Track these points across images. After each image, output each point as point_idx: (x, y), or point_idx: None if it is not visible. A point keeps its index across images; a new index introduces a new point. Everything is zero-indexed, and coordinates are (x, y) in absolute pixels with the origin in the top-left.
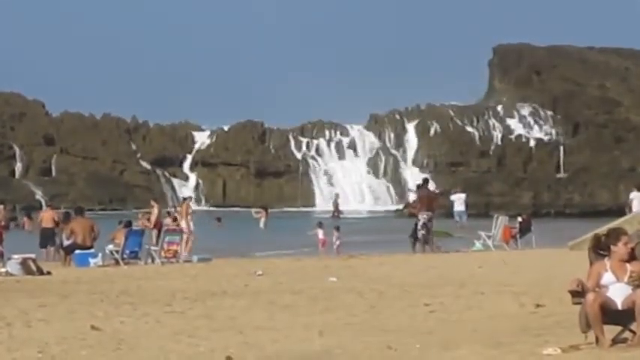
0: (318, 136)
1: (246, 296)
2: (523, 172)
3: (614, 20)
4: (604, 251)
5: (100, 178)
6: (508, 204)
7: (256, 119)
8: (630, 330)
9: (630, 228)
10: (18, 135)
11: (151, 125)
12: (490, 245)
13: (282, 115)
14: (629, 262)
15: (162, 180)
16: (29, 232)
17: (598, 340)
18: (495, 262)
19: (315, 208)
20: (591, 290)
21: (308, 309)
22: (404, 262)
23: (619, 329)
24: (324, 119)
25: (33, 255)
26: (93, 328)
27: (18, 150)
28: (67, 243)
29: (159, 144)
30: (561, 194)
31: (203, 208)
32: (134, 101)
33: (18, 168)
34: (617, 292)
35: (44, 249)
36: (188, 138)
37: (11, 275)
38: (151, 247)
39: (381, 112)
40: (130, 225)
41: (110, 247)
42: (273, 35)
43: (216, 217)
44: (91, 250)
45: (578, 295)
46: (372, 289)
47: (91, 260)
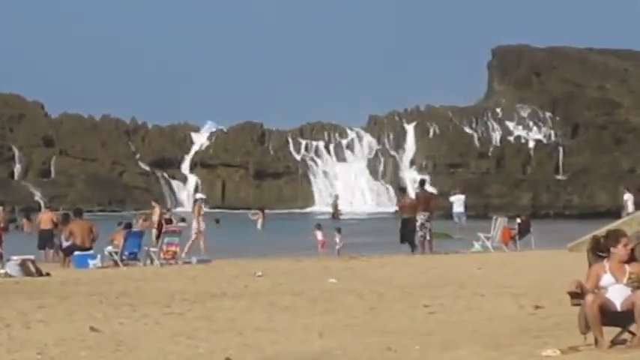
0: (317, 138)
1: (246, 297)
2: (522, 173)
3: (613, 21)
4: (603, 253)
5: (99, 179)
6: (507, 205)
7: (255, 120)
8: (629, 331)
9: (629, 229)
10: (17, 136)
11: (150, 126)
12: (489, 246)
13: (281, 116)
14: (628, 264)
15: (162, 181)
16: (28, 233)
17: (597, 342)
18: (494, 263)
19: (315, 209)
20: (590, 292)
21: (308, 310)
22: (404, 264)
23: (618, 331)
24: (323, 120)
25: (32, 256)
26: (92, 329)
27: (17, 151)
28: (66, 244)
29: (158, 145)
30: (560, 195)
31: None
32: (133, 102)
33: (17, 169)
34: (617, 293)
35: (43, 250)
36: (187, 139)
37: (10, 276)
38: (150, 249)
39: (380, 114)
40: (130, 227)
41: (109, 248)
42: (272, 36)
43: (215, 218)
44: (90, 252)
45: (577, 297)
46: (372, 290)
47: (90, 262)
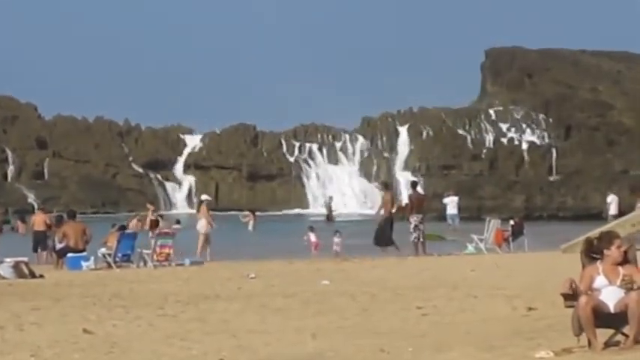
0: (310, 140)
1: (239, 299)
2: (515, 175)
3: (606, 23)
4: (596, 254)
5: (93, 181)
6: (500, 207)
7: (248, 122)
8: (623, 333)
9: (622, 231)
10: (10, 138)
11: (143, 128)
12: (482, 248)
13: (274, 118)
14: (621, 266)
15: (155, 183)
16: (23, 235)
17: (590, 344)
18: (488, 265)
19: (308, 211)
20: (584, 294)
21: (301, 312)
22: (396, 266)
23: (611, 332)
24: (316, 122)
25: (25, 258)
26: (85, 331)
27: (10, 153)
28: (59, 246)
29: (151, 147)
30: (554, 197)
31: (195, 211)
32: (126, 104)
33: (10, 171)
34: (610, 295)
35: (36, 252)
36: (180, 141)
37: (3, 278)
38: (143, 250)
39: (373, 115)
40: (125, 228)
41: (102, 250)
42: (267, 39)
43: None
44: (84, 254)
45: (570, 299)
46: (365, 292)
47: (84, 263)
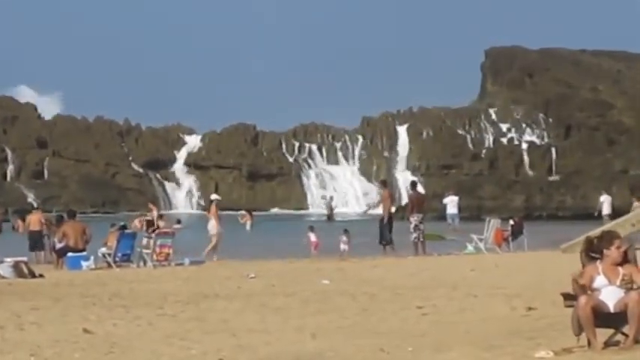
0: (310, 139)
1: (239, 299)
2: (515, 174)
3: (606, 23)
4: (596, 254)
5: (93, 180)
6: (500, 207)
7: (248, 122)
8: (622, 333)
9: (623, 231)
10: (10, 138)
11: (143, 128)
12: (482, 248)
13: (274, 118)
14: (621, 266)
15: (155, 183)
16: (22, 234)
17: (590, 343)
18: (487, 264)
19: (309, 210)
20: (584, 293)
21: (300, 311)
22: (396, 265)
23: (611, 332)
24: (316, 122)
25: (25, 258)
26: (85, 331)
27: (10, 153)
28: (59, 246)
29: (151, 147)
30: (554, 197)
31: (194, 211)
32: (126, 104)
33: (10, 171)
34: (610, 295)
35: (33, 252)
36: (180, 141)
37: (3, 278)
38: (143, 250)
39: (374, 115)
40: (125, 228)
41: (102, 249)
42: (267, 39)
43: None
44: (84, 253)
45: (570, 298)
46: (365, 291)
47: (84, 263)
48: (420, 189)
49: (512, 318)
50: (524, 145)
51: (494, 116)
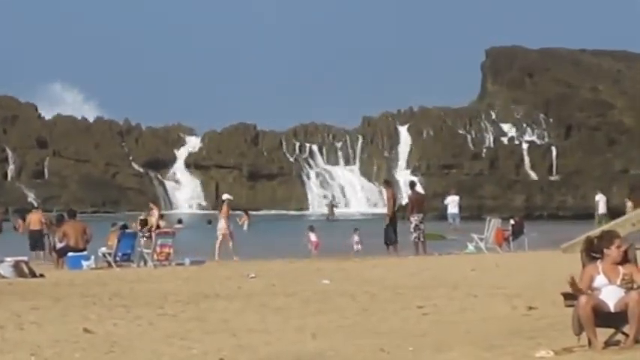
0: (310, 139)
1: (239, 299)
2: (515, 174)
3: (606, 23)
4: (597, 254)
5: (93, 180)
6: (501, 206)
7: (249, 122)
8: (623, 332)
9: (623, 230)
10: (11, 138)
11: (144, 128)
12: (483, 248)
13: (275, 118)
14: (621, 265)
15: (155, 183)
16: (22, 234)
17: (591, 343)
18: (488, 264)
19: (309, 210)
20: (584, 293)
21: (301, 311)
22: (397, 265)
23: (612, 332)
24: (316, 122)
25: (25, 258)
26: (86, 330)
27: (10, 153)
28: (59, 245)
29: (151, 146)
30: (554, 197)
31: (195, 211)
32: (126, 104)
33: (10, 171)
34: (610, 294)
35: (34, 251)
36: (180, 141)
37: (3, 278)
38: (144, 250)
39: (374, 115)
40: (126, 228)
41: (103, 249)
42: (267, 39)
43: (207, 219)
44: (84, 253)
45: (570, 298)
46: (365, 291)
47: (84, 263)
48: (419, 189)
49: (512, 318)
50: (524, 145)
51: (494, 116)
